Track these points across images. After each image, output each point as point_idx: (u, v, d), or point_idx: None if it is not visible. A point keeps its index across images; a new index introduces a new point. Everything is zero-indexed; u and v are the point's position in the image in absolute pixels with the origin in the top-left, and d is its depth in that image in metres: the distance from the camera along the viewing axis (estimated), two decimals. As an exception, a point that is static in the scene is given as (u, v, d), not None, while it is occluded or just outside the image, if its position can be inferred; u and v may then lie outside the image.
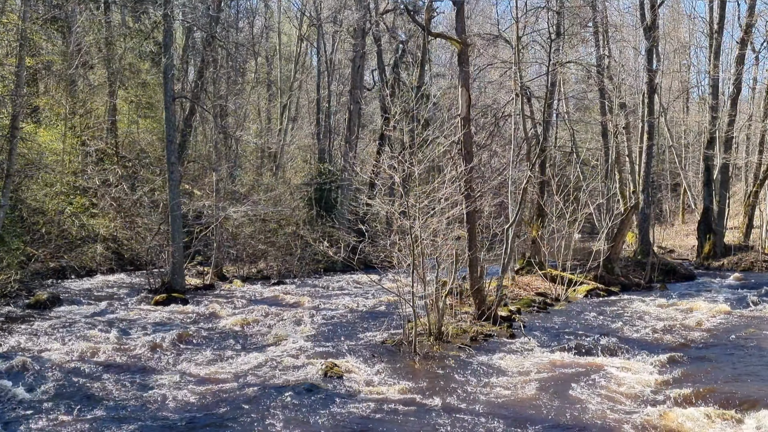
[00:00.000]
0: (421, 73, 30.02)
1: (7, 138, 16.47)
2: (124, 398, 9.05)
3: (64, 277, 19.81)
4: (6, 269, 15.88)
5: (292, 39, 39.78)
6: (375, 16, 31.35)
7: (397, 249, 12.55)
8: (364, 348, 12.13)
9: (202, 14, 25.07)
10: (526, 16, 20.98)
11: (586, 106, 41.37)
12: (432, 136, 15.07)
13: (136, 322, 14.14)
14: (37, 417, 8.25)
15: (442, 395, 9.38)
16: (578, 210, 21.77)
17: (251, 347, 12.13)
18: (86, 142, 25.99)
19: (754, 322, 14.87)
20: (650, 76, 25.19)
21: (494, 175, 19.80)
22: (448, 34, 18.58)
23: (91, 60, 28.51)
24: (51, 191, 22.11)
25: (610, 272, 21.35)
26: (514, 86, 19.53)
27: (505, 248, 15.51)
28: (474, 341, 12.51)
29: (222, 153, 23.96)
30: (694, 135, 43.34)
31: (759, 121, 31.72)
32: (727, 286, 21.61)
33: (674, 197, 45.59)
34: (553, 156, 31.95)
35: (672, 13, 43.08)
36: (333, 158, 33.43)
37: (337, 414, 8.58)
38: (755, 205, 29.95)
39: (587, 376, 10.31)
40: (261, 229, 25.22)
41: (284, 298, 18.02)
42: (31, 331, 12.85)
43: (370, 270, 18.61)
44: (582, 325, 14.85)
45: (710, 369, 10.81)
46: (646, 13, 25.00)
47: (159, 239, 20.42)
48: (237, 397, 9.20)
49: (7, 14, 19.47)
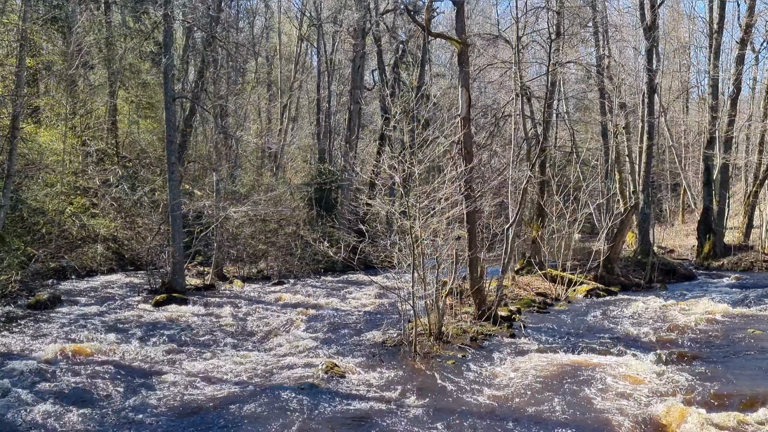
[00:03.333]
0: (421, 73, 30.04)
1: (7, 138, 16.50)
2: (125, 398, 9.07)
3: (64, 277, 19.82)
4: (6, 269, 15.89)
5: (292, 39, 39.80)
6: (375, 16, 31.38)
7: (397, 249, 12.57)
8: (364, 348, 12.16)
9: (202, 14, 25.08)
10: (526, 16, 20.99)
11: (586, 106, 41.41)
12: (432, 136, 15.06)
13: (136, 323, 14.16)
14: (38, 417, 8.26)
15: (442, 395, 9.40)
16: (578, 210, 21.79)
17: (251, 347, 12.15)
18: (87, 142, 26.02)
19: (753, 322, 14.87)
20: (650, 76, 25.19)
21: (494, 175, 19.84)
22: (448, 34, 18.59)
23: (91, 60, 28.53)
24: (51, 191, 22.13)
25: (610, 272, 21.37)
26: (514, 86, 19.56)
27: (505, 248, 15.52)
28: (474, 341, 12.52)
29: (222, 153, 23.96)
30: (694, 135, 43.35)
31: (759, 121, 31.70)
32: (726, 286, 21.63)
33: (674, 197, 45.59)
34: (553, 156, 32.00)
35: (672, 13, 43.11)
36: (333, 158, 33.48)
37: (337, 414, 8.60)
38: (755, 205, 29.95)
39: (587, 375, 10.33)
40: (261, 229, 25.24)
41: (284, 298, 18.03)
42: (31, 332, 12.87)
43: (370, 270, 18.61)
44: (582, 325, 14.87)
45: (710, 369, 10.82)
46: (646, 13, 24.99)
47: (159, 239, 20.44)
48: (237, 396, 9.22)
49: (7, 14, 19.51)
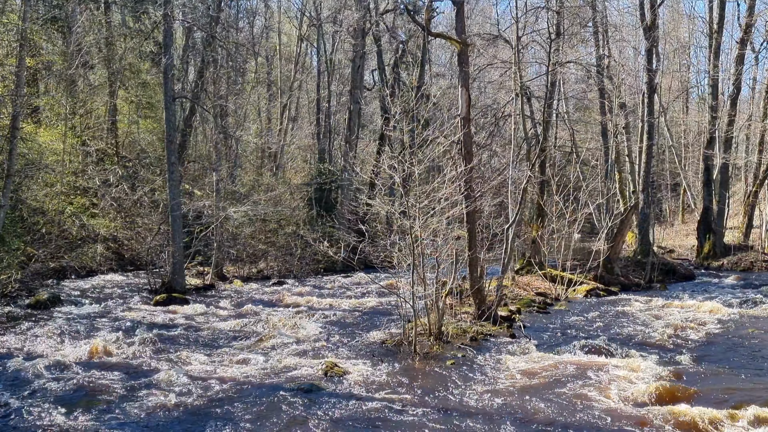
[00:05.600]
0: (421, 73, 30.03)
1: (7, 138, 16.49)
2: (124, 398, 9.06)
3: (64, 277, 19.82)
4: (6, 269, 15.89)
5: (292, 39, 39.82)
6: (375, 16, 31.37)
7: (397, 249, 12.56)
8: (364, 348, 12.16)
9: (202, 14, 25.10)
10: (526, 16, 21.00)
11: (586, 106, 41.37)
12: (432, 136, 15.06)
13: (136, 322, 14.16)
14: (37, 417, 8.26)
15: (442, 395, 9.40)
16: (578, 210, 21.80)
17: (251, 347, 12.14)
18: (86, 142, 26.02)
19: (753, 322, 14.89)
20: (650, 76, 25.19)
21: (494, 175, 19.82)
22: (448, 34, 18.58)
23: (91, 60, 28.53)
24: (51, 191, 22.13)
25: (609, 272, 21.37)
26: (514, 86, 19.55)
27: (505, 248, 15.52)
28: (474, 341, 12.52)
29: (222, 153, 23.95)
30: (694, 135, 43.35)
31: (759, 121, 31.71)
32: (726, 285, 21.64)
33: (674, 197, 45.59)
34: (553, 156, 31.95)
35: (672, 13, 43.13)
36: (333, 158, 33.48)
37: (337, 414, 8.60)
38: (755, 205, 29.96)
39: (587, 375, 10.34)
40: (261, 229, 25.26)
41: (284, 298, 18.03)
42: (31, 332, 12.86)
43: (370, 270, 18.61)
44: (582, 325, 14.87)
45: (710, 368, 10.83)
46: (645, 13, 24.99)
47: (159, 239, 20.43)
48: (237, 396, 9.21)
49: (7, 14, 19.50)
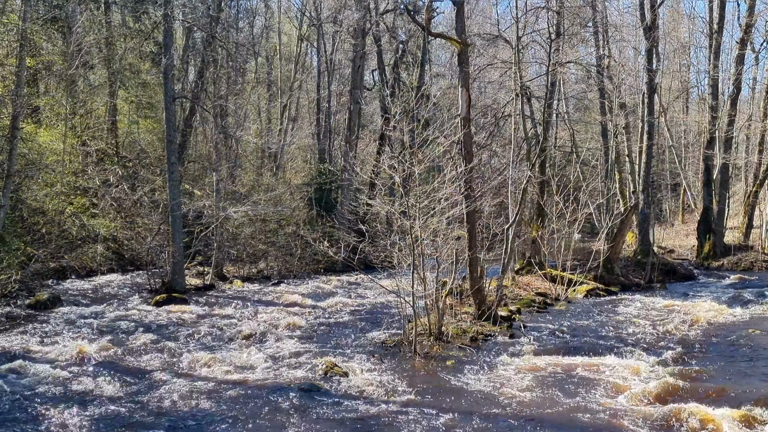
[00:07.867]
0: (421, 73, 30.03)
1: (7, 138, 16.49)
2: (124, 398, 9.06)
3: (64, 278, 19.81)
4: (6, 269, 15.88)
5: (292, 39, 39.81)
6: (375, 16, 31.36)
7: (397, 249, 12.57)
8: (364, 348, 12.16)
9: (202, 14, 25.10)
10: (526, 16, 20.98)
11: (586, 106, 41.39)
12: (432, 136, 15.07)
13: (136, 323, 14.15)
14: (37, 417, 8.26)
15: (442, 395, 9.40)
16: (578, 210, 21.77)
17: (251, 347, 12.13)
18: (86, 142, 26.01)
19: (753, 322, 14.88)
20: (650, 76, 25.18)
21: (494, 175, 19.83)
22: (448, 34, 18.58)
23: (91, 60, 28.53)
24: (51, 191, 22.11)
25: (610, 272, 21.36)
26: (514, 86, 19.55)
27: (505, 248, 15.52)
28: (474, 341, 12.52)
29: (222, 153, 23.94)
30: (694, 135, 43.33)
31: (759, 121, 31.68)
32: (726, 285, 21.63)
33: (674, 197, 45.58)
34: (553, 156, 32.00)
35: (672, 13, 43.06)
36: (333, 158, 33.48)
37: (337, 414, 8.59)
38: (755, 205, 29.94)
39: (587, 375, 10.34)
40: (261, 229, 25.24)
41: (284, 298, 18.03)
42: (31, 332, 12.87)
43: (370, 270, 18.60)
44: (582, 325, 14.87)
45: (710, 368, 10.82)
46: (646, 13, 24.99)
47: (159, 239, 20.43)
48: (237, 396, 9.21)
49: (7, 14, 19.49)
